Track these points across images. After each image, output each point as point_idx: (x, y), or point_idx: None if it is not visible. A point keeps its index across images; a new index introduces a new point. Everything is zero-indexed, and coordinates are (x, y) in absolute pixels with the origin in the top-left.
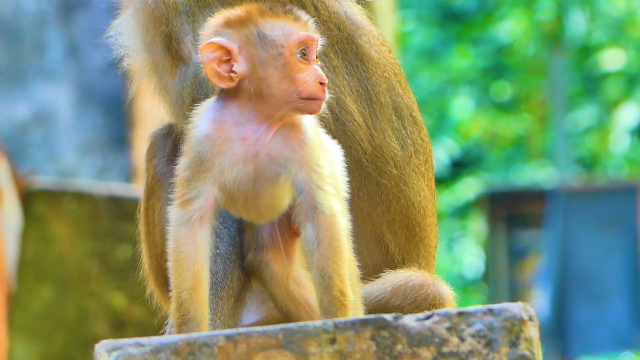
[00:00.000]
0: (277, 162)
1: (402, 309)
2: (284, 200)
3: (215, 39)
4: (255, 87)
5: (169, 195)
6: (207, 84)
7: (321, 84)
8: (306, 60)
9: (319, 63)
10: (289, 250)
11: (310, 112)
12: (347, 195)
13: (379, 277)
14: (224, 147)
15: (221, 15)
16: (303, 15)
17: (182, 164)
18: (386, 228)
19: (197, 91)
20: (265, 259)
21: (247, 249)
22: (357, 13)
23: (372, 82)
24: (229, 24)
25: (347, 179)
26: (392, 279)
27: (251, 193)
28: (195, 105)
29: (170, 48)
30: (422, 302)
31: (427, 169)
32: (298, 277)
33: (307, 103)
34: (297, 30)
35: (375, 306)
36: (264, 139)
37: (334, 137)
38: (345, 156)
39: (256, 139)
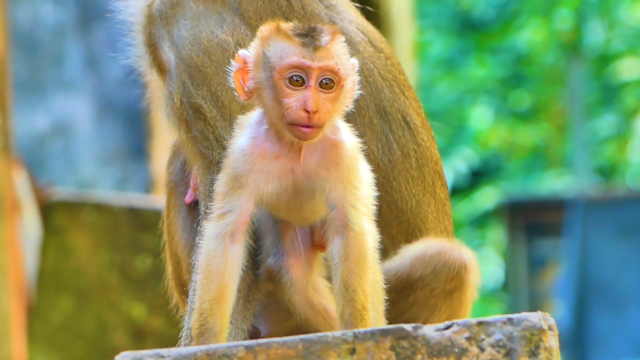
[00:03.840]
0: (312, 179)
1: (424, 280)
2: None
3: (241, 52)
4: (261, 106)
5: (182, 204)
6: (190, 85)
7: (307, 111)
8: (297, 85)
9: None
10: (310, 258)
11: (299, 138)
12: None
13: (397, 253)
14: (258, 164)
15: (262, 27)
16: (323, 39)
17: (220, 179)
18: (382, 232)
19: (182, 94)
20: (285, 265)
21: (268, 254)
22: (345, 19)
23: None
24: (258, 37)
25: None
26: (410, 251)
27: (292, 204)
28: (186, 109)
29: (154, 57)
30: (442, 268)
31: (422, 173)
32: (317, 284)
33: (292, 129)
34: (292, 55)
35: (396, 283)
36: (297, 157)
37: None
38: None
39: (289, 157)
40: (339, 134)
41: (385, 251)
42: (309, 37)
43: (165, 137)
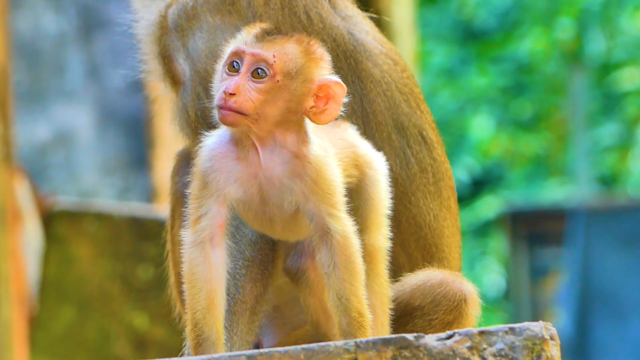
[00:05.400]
0: (277, 188)
1: (423, 309)
2: (301, 226)
3: None
4: None
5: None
6: (205, 98)
7: (225, 92)
8: (233, 71)
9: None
10: None
11: (221, 122)
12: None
13: (398, 280)
14: (218, 163)
15: None
16: (273, 34)
17: (192, 184)
18: (399, 249)
19: (197, 106)
20: (302, 267)
21: (287, 255)
22: (362, 31)
23: (370, 99)
24: None
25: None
26: (411, 280)
27: (262, 216)
28: (200, 122)
29: (168, 69)
30: (442, 299)
31: (439, 188)
32: None
33: (216, 112)
34: (234, 43)
35: (395, 308)
36: (256, 159)
37: None
38: None
39: (250, 160)
40: (305, 146)
41: (401, 268)
42: (264, 31)
43: (167, 147)
